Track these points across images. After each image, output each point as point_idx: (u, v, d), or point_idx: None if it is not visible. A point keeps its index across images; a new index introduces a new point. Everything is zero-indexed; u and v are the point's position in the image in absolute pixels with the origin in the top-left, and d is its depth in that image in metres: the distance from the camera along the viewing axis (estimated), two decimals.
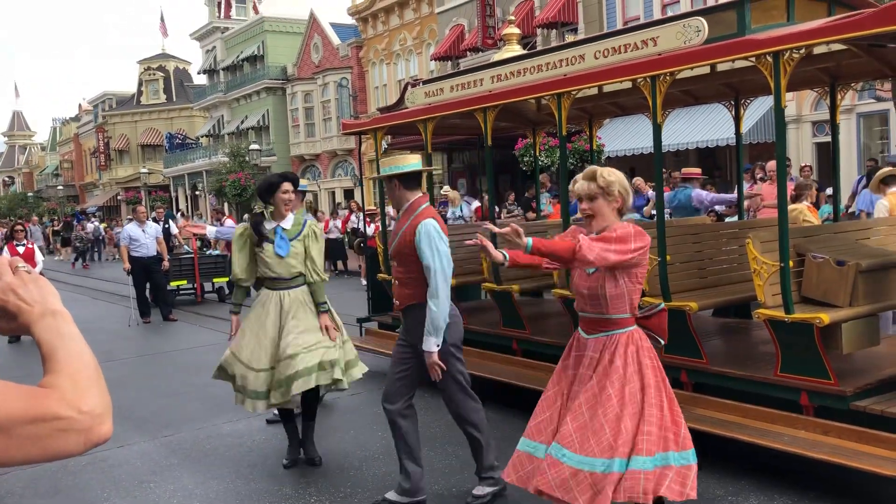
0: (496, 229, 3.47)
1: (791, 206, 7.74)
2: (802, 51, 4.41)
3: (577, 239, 3.38)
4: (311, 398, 5.48)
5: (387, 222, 8.39)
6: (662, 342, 3.68)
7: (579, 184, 3.56)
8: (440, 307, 4.31)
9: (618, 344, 3.50)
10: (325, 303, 5.40)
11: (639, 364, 3.47)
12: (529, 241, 3.36)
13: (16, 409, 1.08)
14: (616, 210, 3.55)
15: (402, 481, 4.57)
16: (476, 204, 16.12)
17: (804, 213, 7.22)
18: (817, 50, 5.03)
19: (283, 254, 5.26)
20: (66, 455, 1.13)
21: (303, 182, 7.38)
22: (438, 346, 4.35)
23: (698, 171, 9.85)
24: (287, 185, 5.33)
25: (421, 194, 4.62)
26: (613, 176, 3.52)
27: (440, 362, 4.38)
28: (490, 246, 3.60)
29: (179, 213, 33.15)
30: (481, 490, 4.60)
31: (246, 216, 5.89)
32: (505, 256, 3.59)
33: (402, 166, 4.53)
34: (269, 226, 5.32)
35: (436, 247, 4.33)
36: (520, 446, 3.78)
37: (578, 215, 4.01)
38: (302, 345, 5.10)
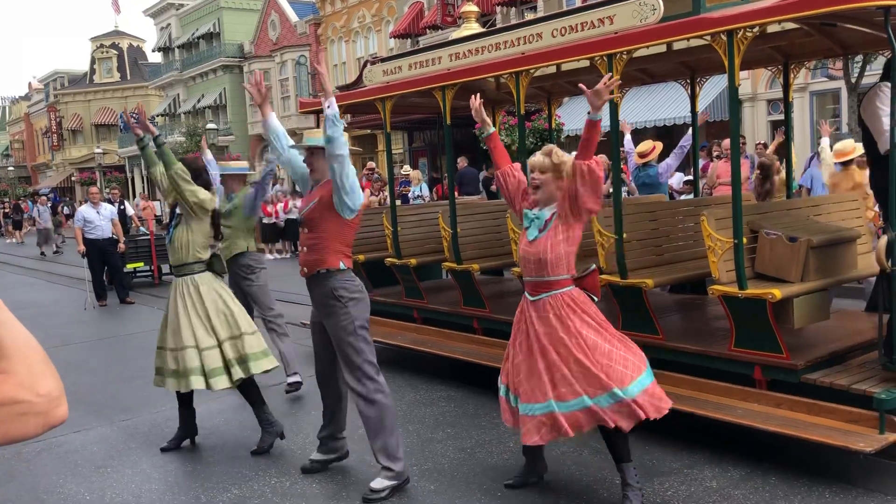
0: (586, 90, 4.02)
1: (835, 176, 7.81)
2: (756, 29, 4.45)
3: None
4: (245, 387, 5.45)
5: None
6: (596, 299, 4.14)
7: (536, 157, 4.05)
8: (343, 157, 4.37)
9: (561, 303, 3.98)
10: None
11: (579, 318, 3.96)
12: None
13: None
14: (559, 188, 4.00)
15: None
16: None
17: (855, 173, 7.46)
18: (771, 29, 5.08)
19: (167, 241, 5.53)
20: (25, 438, 1.16)
21: (240, 164, 7.32)
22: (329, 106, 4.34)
23: (650, 146, 9.67)
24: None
25: None
26: (566, 158, 4.00)
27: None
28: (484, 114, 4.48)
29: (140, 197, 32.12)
30: (378, 483, 4.45)
31: None
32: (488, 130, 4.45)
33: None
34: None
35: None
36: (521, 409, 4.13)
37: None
38: (193, 344, 5.23)
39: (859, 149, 7.37)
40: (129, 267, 14.58)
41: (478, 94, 4.55)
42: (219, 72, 38.75)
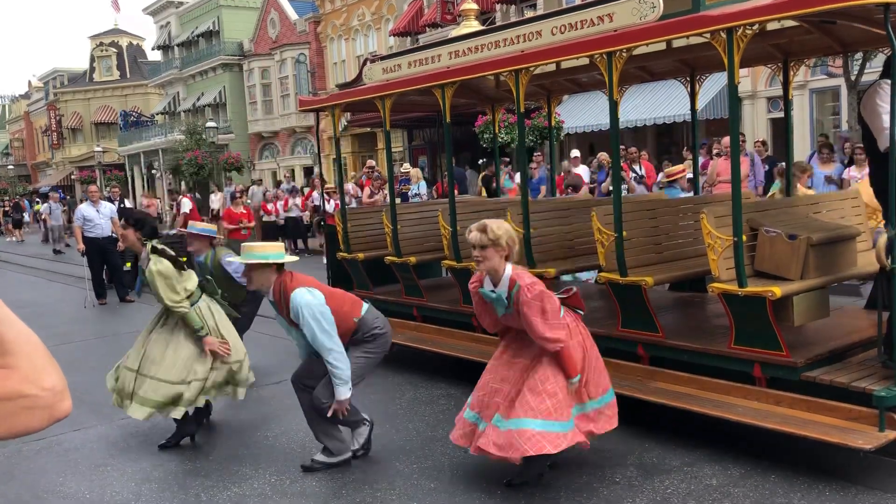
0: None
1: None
2: (756, 27, 4.45)
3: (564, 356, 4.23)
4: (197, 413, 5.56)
5: (347, 200, 8.35)
6: (582, 312, 4.51)
7: (473, 234, 4.27)
8: (339, 361, 4.63)
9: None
10: (201, 328, 5.36)
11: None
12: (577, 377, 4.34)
13: None
14: (504, 257, 4.25)
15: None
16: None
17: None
18: (770, 26, 5.08)
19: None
20: (31, 431, 1.19)
21: (208, 227, 7.17)
22: (350, 391, 4.73)
23: (681, 168, 9.66)
24: (121, 223, 5.71)
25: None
26: (501, 230, 4.24)
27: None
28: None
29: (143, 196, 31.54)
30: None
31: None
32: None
33: (263, 255, 4.73)
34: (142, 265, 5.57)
35: (312, 317, 4.60)
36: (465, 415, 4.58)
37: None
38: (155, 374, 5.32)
39: None
40: (129, 265, 14.56)
41: None
42: (218, 70, 38.71)
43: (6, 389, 1.15)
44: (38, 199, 44.72)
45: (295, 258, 5.43)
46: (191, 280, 5.46)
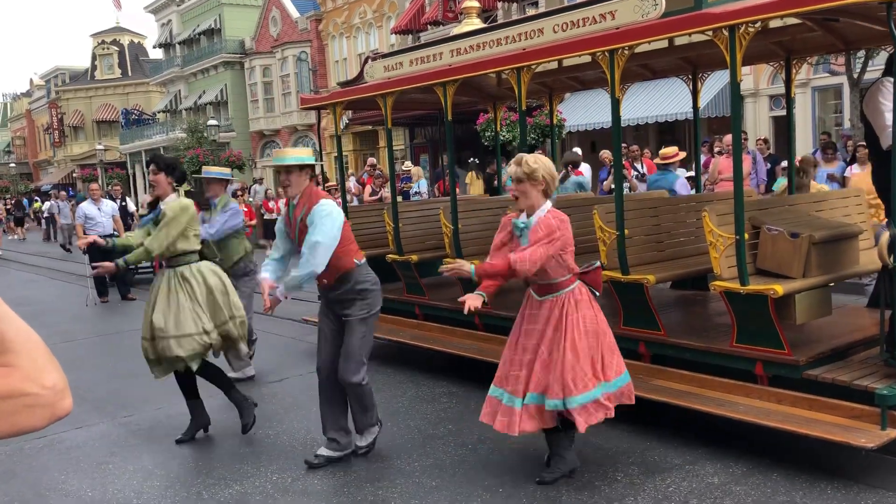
0: (443, 269, 4.43)
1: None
2: (758, 24, 4.44)
3: (507, 257, 4.11)
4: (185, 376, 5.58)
5: (348, 198, 8.35)
6: (597, 293, 4.34)
7: (510, 167, 4.17)
8: (319, 256, 4.64)
9: (567, 301, 4.18)
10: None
11: (583, 315, 4.17)
12: (472, 268, 4.18)
13: None
14: (542, 192, 4.14)
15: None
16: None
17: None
18: (773, 24, 5.07)
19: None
20: (32, 429, 1.19)
21: (223, 170, 7.28)
22: (283, 294, 4.75)
23: (674, 151, 9.64)
24: (151, 167, 5.59)
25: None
26: (538, 163, 4.11)
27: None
28: (459, 266, 4.33)
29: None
30: (363, 441, 5.07)
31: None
32: (472, 271, 4.23)
33: (307, 158, 4.87)
34: (162, 206, 5.57)
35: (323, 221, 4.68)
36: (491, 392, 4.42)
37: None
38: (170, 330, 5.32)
39: None
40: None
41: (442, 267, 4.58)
42: (220, 68, 38.70)
43: (7, 388, 1.15)
44: (37, 198, 44.72)
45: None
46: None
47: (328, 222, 4.65)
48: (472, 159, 17.05)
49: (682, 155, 9.53)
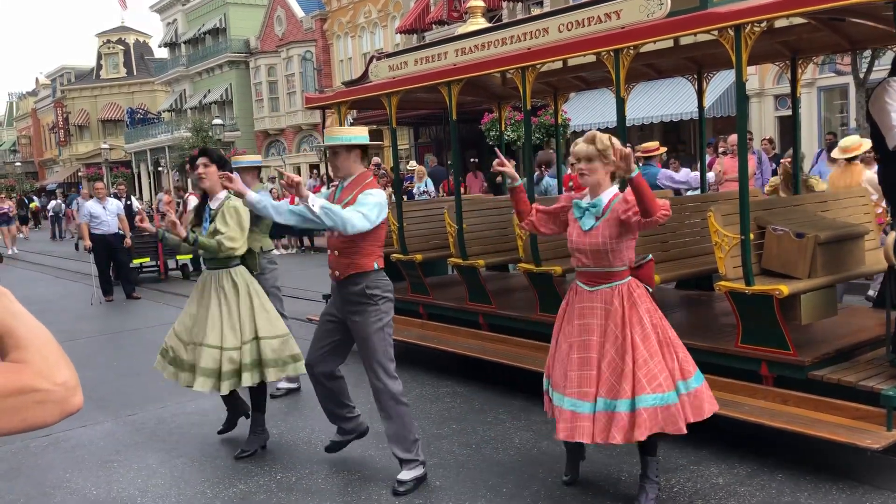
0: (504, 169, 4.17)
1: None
2: (764, 24, 4.43)
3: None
4: (255, 390, 5.27)
5: None
6: (651, 289, 4.05)
7: (580, 146, 3.95)
8: (353, 220, 4.15)
9: (624, 293, 3.87)
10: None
11: (646, 309, 3.88)
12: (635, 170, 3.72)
13: None
14: (610, 174, 3.95)
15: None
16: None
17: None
18: (778, 23, 5.06)
19: (204, 235, 5.14)
20: (44, 425, 1.21)
21: (253, 157, 7.22)
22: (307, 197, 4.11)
23: (656, 145, 9.70)
24: (202, 160, 5.18)
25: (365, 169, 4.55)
26: (612, 142, 3.91)
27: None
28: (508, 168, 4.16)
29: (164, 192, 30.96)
30: (405, 475, 4.51)
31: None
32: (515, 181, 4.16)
33: (359, 137, 4.48)
34: (213, 205, 5.21)
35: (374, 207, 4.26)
36: (562, 403, 3.92)
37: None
38: (219, 343, 4.99)
39: (866, 144, 7.31)
40: (136, 262, 14.61)
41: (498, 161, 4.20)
42: (225, 67, 38.78)
43: (19, 384, 1.17)
44: (32, 196, 44.73)
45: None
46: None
47: (376, 209, 4.24)
48: (473, 159, 17.04)
49: (663, 150, 9.66)
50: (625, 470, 4.55)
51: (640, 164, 9.25)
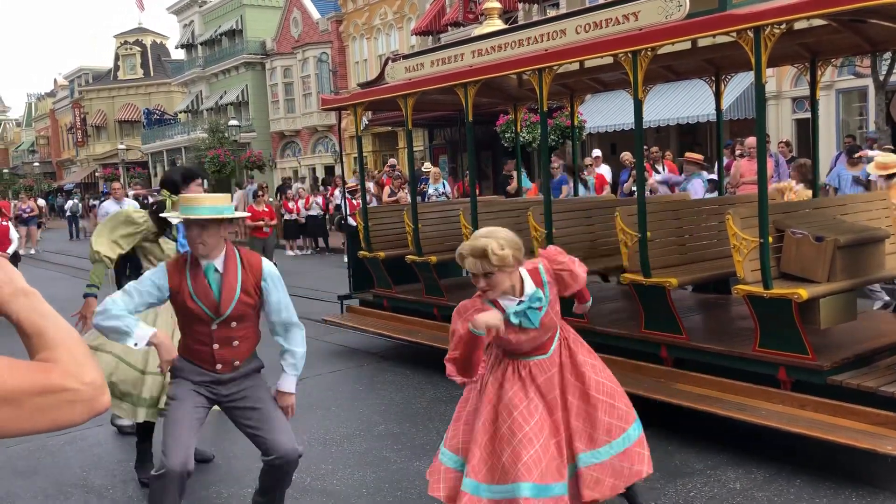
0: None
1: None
2: (783, 26, 4.39)
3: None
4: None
5: (367, 199, 8.36)
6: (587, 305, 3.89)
7: (468, 262, 3.28)
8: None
9: (565, 340, 3.54)
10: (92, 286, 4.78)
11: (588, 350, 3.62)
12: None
13: (26, 382, 1.16)
14: (512, 272, 3.33)
15: None
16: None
17: None
18: (798, 25, 5.01)
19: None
20: (71, 424, 1.23)
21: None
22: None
23: (700, 157, 9.77)
24: (197, 183, 4.91)
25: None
26: (505, 249, 3.23)
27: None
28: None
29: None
30: None
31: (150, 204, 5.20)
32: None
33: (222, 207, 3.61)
34: (174, 220, 4.60)
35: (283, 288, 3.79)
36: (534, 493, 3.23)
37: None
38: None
39: None
40: None
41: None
42: (241, 69, 38.94)
43: (49, 383, 1.18)
44: (39, 197, 44.94)
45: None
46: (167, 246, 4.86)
47: (284, 293, 3.76)
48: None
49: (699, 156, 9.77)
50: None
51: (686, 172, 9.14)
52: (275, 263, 4.32)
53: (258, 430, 3.77)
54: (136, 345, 3.43)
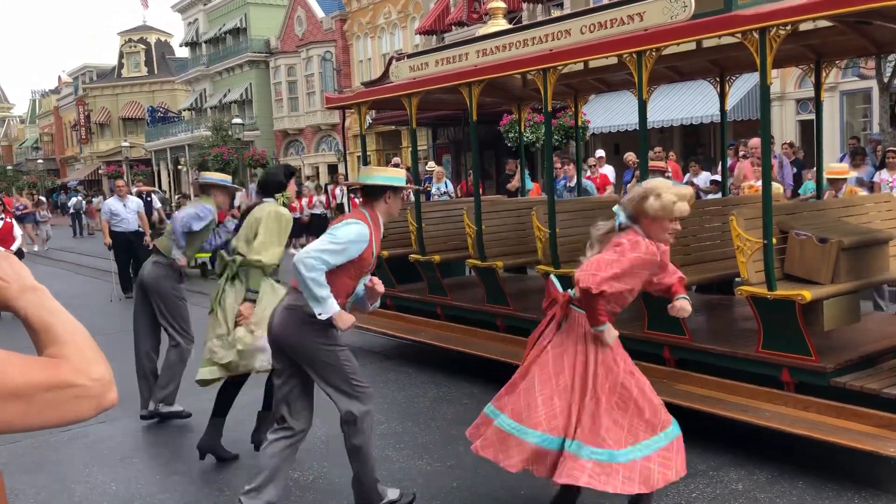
0: None
1: None
2: (789, 27, 4.39)
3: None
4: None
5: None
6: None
7: (683, 206, 3.88)
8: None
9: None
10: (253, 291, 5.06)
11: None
12: None
13: (36, 378, 1.17)
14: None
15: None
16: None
17: None
18: (803, 26, 5.01)
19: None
20: (80, 420, 1.23)
21: (224, 176, 6.46)
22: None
23: (663, 165, 9.78)
24: (295, 178, 5.41)
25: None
26: None
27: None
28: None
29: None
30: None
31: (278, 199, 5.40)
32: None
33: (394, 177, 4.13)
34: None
35: None
36: (533, 439, 3.72)
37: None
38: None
39: None
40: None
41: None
42: (245, 67, 38.97)
43: (57, 379, 1.19)
44: (35, 194, 45.00)
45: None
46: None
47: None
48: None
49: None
50: None
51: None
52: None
53: None
54: (320, 314, 3.76)
